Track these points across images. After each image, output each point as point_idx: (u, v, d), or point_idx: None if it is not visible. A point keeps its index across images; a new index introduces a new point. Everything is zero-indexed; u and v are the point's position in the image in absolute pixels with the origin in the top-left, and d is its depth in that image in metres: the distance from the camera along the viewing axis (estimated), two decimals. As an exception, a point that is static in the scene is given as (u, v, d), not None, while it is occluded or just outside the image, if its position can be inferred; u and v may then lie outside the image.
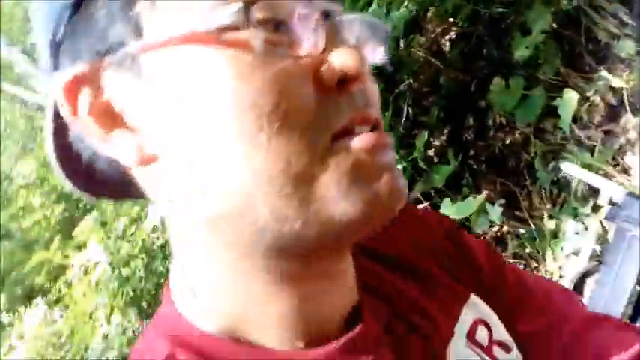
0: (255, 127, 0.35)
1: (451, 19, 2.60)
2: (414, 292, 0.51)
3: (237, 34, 0.35)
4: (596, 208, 1.61)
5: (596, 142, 2.01)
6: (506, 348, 0.53)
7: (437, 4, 2.36)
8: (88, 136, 0.39)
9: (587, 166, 1.81)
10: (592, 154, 1.95)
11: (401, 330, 0.48)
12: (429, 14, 2.52)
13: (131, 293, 3.62)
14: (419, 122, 2.55)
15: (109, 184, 0.45)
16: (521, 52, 2.09)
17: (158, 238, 3.90)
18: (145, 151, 0.38)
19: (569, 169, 1.54)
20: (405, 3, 2.17)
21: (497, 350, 0.52)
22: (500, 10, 2.36)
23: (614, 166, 1.87)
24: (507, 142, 2.37)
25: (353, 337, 0.42)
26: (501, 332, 0.54)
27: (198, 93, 0.36)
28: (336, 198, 0.36)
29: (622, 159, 1.91)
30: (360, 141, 0.37)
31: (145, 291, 3.89)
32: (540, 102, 2.16)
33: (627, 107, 1.79)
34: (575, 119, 2.09)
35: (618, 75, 1.86)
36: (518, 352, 0.54)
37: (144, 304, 3.91)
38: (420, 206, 1.96)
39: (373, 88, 0.40)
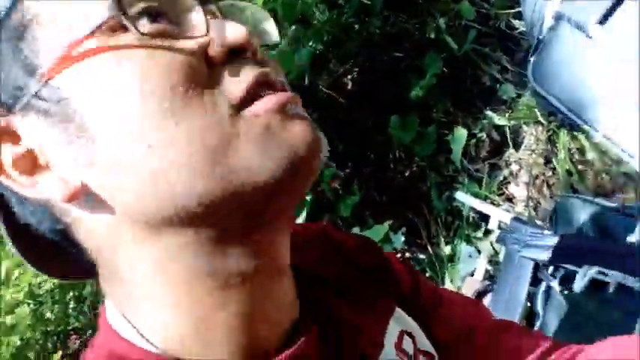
0: (162, 117, 0.35)
1: (352, 61, 2.77)
2: (345, 308, 0.52)
3: (120, 36, 0.36)
4: (487, 233, 1.76)
5: (484, 174, 2.21)
6: (430, 356, 0.56)
7: (339, 46, 2.49)
8: (16, 188, 0.39)
9: (477, 195, 1.98)
10: (480, 185, 2.13)
11: (335, 343, 0.48)
12: (331, 55, 2.66)
13: (18, 343, 3.29)
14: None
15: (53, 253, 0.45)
16: (416, 93, 2.26)
17: (45, 281, 3.61)
18: (69, 181, 0.38)
19: (462, 197, 1.68)
20: (311, 42, 2.28)
21: (421, 358, 0.55)
22: (397, 54, 2.56)
23: (500, 194, 2.05)
24: (406, 174, 2.53)
25: (295, 352, 0.42)
26: (424, 342, 0.57)
27: (99, 102, 0.36)
28: (254, 164, 0.36)
29: (506, 189, 2.10)
30: (265, 103, 0.37)
31: (34, 341, 3.56)
32: (433, 137, 2.34)
33: (510, 143, 1.99)
34: (465, 153, 2.28)
35: (502, 114, 2.07)
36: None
37: (31, 354, 3.57)
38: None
39: (271, 60, 0.41)
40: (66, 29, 0.36)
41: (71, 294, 3.63)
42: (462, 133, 2.11)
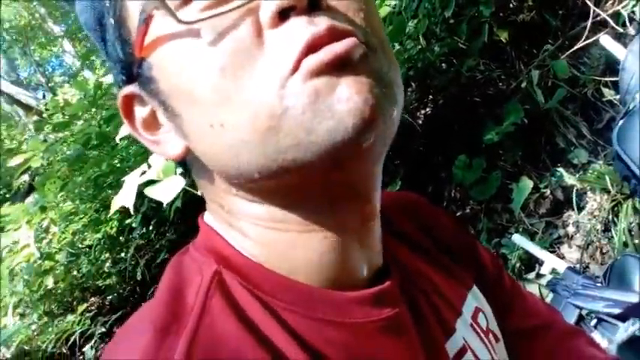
0: (217, 100, 0.36)
1: (430, 97, 2.86)
2: (427, 270, 0.54)
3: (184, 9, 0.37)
4: (538, 276, 1.79)
5: (538, 229, 2.23)
6: (497, 339, 0.57)
7: (426, 77, 2.58)
8: (146, 145, 0.44)
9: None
10: (532, 240, 2.15)
11: (416, 297, 0.49)
12: (415, 84, 2.75)
13: (49, 286, 3.45)
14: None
15: None
16: (490, 137, 2.32)
17: (85, 239, 3.78)
18: (177, 143, 0.42)
19: (519, 240, 1.72)
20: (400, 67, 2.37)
21: (491, 338, 0.56)
22: (477, 99, 2.64)
23: (552, 252, 2.07)
24: (458, 214, 2.58)
25: (382, 289, 0.44)
26: (494, 324, 0.58)
27: (170, 84, 0.39)
28: (301, 140, 0.35)
29: (558, 248, 2.12)
30: (310, 62, 0.34)
31: (60, 289, 3.71)
32: (496, 184, 2.39)
33: (574, 205, 2.01)
34: (522, 206, 2.32)
35: (572, 175, 2.10)
36: (503, 347, 0.58)
37: (54, 305, 3.71)
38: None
39: (339, 6, 0.37)
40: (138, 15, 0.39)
41: (108, 255, 3.81)
42: (527, 184, 2.15)
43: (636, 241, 1.82)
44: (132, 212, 1.65)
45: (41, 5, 9.95)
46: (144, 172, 1.78)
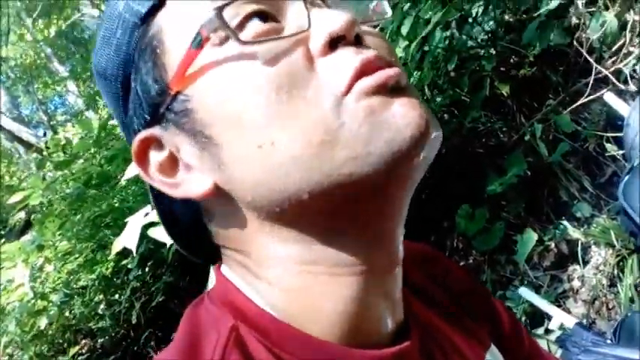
0: (270, 120, 0.36)
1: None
2: (444, 327, 0.52)
3: (229, 43, 0.38)
4: (547, 332, 1.76)
5: (543, 283, 2.21)
6: None
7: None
8: (163, 189, 0.43)
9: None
10: (537, 293, 2.13)
11: (434, 356, 0.48)
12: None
13: (42, 327, 3.37)
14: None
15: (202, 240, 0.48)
16: (493, 187, 2.33)
17: (80, 279, 3.72)
18: (204, 181, 0.41)
19: (526, 293, 1.70)
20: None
21: None
22: (479, 150, 2.66)
23: (557, 306, 2.04)
24: (461, 265, 2.55)
25: (403, 348, 0.42)
26: None
27: (217, 110, 0.39)
28: (358, 153, 0.36)
29: (564, 303, 2.09)
30: (364, 83, 0.37)
31: (52, 330, 3.62)
32: (499, 235, 2.38)
33: (580, 259, 2.00)
34: (527, 259, 2.30)
35: (576, 229, 2.10)
36: None
37: (44, 347, 3.61)
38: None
39: (376, 40, 0.41)
40: (185, 44, 0.39)
41: (102, 296, 3.74)
42: (532, 236, 2.14)
43: (643, 297, 1.80)
44: (133, 254, 1.63)
45: (47, 45, 10.15)
46: (147, 214, 1.78)
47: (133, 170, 1.69)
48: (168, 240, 1.61)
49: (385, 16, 0.45)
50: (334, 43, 0.38)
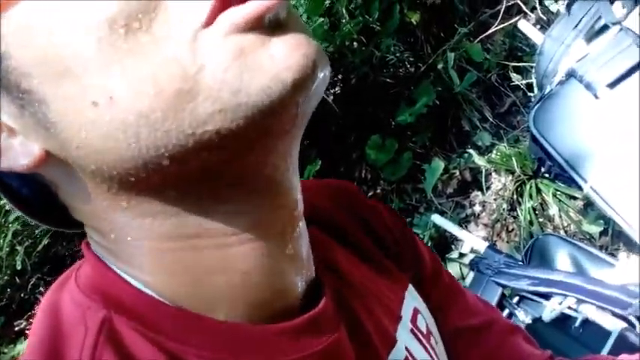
0: (103, 65, 0.28)
1: (340, 76, 2.83)
2: (363, 270, 0.48)
3: None
4: (461, 255, 1.83)
5: (447, 209, 2.30)
6: (437, 341, 0.53)
7: (338, 58, 2.54)
8: None
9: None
10: (442, 219, 2.21)
11: (354, 308, 0.44)
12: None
13: None
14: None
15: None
16: (403, 118, 2.34)
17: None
18: (31, 149, 0.32)
19: (439, 220, 1.75)
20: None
21: (432, 342, 0.52)
22: (388, 80, 2.65)
23: (460, 231, 2.14)
24: (370, 194, 2.59)
25: (318, 312, 0.38)
26: (433, 325, 0.54)
27: (36, 55, 0.29)
28: (227, 104, 0.28)
29: (466, 227, 2.20)
30: (231, 15, 0.28)
31: None
32: (407, 165, 2.42)
33: (483, 185, 2.09)
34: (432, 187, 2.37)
35: (480, 157, 2.17)
36: (443, 349, 0.54)
37: None
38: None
39: None
40: None
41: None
42: (439, 165, 2.20)
43: (541, 220, 1.93)
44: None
45: None
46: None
47: None
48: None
49: None
50: None
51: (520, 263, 1.43)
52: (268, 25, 0.29)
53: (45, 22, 0.28)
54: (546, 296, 1.32)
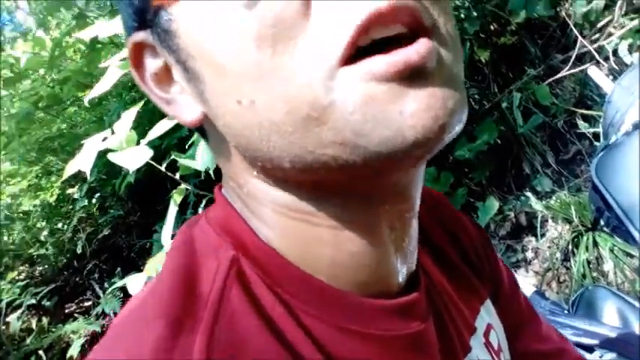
0: (251, 76, 0.30)
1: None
2: (447, 278, 0.50)
3: None
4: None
5: (498, 252, 2.25)
6: (505, 358, 0.54)
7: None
8: (156, 102, 0.38)
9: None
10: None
11: (440, 309, 0.46)
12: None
13: None
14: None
15: None
16: (462, 153, 2.33)
17: (21, 205, 3.50)
18: (194, 107, 0.36)
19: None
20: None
21: (502, 357, 0.52)
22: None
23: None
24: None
25: (412, 299, 0.40)
26: (504, 343, 0.54)
27: (200, 45, 0.32)
28: (348, 141, 0.30)
29: (516, 272, 2.14)
30: (372, 64, 0.28)
31: None
32: (461, 201, 2.39)
33: (537, 231, 2.04)
34: (485, 227, 2.33)
35: (538, 201, 2.13)
36: None
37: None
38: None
39: None
40: None
41: (45, 223, 3.56)
42: (494, 204, 2.16)
43: (594, 274, 1.86)
44: (88, 177, 1.54)
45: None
46: (105, 138, 1.67)
47: (96, 90, 1.56)
48: (130, 165, 1.52)
49: None
50: None
51: (566, 312, 1.39)
52: (410, 75, 0.29)
53: (207, 20, 0.31)
54: (588, 348, 1.27)
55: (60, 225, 3.27)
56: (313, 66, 0.29)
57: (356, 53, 0.29)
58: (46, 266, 3.10)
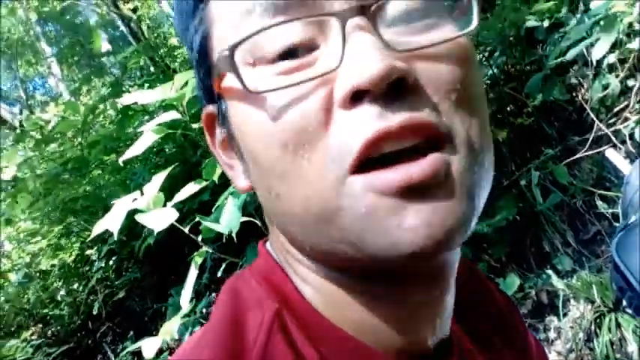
0: (276, 174, 0.34)
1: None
2: (477, 349, 0.50)
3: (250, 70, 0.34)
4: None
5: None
6: None
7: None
8: (221, 165, 0.43)
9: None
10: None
11: None
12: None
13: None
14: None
15: None
16: (480, 228, 2.34)
17: (39, 264, 3.52)
18: (245, 177, 0.41)
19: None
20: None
21: None
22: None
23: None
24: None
25: None
26: None
27: (241, 132, 0.37)
28: (355, 242, 0.32)
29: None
30: (376, 179, 0.31)
31: (5, 311, 3.42)
32: (480, 277, 2.37)
33: (560, 311, 2.01)
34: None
35: (559, 280, 2.11)
36: None
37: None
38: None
39: (435, 75, 0.32)
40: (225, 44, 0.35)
41: (61, 283, 3.56)
42: (514, 281, 2.14)
43: (618, 355, 1.81)
44: (115, 236, 1.58)
45: (38, 24, 9.95)
46: (135, 199, 1.72)
47: (131, 152, 1.63)
48: (156, 226, 1.56)
49: (465, 31, 0.34)
50: (359, 96, 0.31)
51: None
52: (411, 190, 0.30)
53: (243, 118, 0.36)
54: None
55: (76, 286, 3.28)
56: (327, 172, 0.32)
57: (367, 162, 0.31)
58: (60, 327, 3.08)
